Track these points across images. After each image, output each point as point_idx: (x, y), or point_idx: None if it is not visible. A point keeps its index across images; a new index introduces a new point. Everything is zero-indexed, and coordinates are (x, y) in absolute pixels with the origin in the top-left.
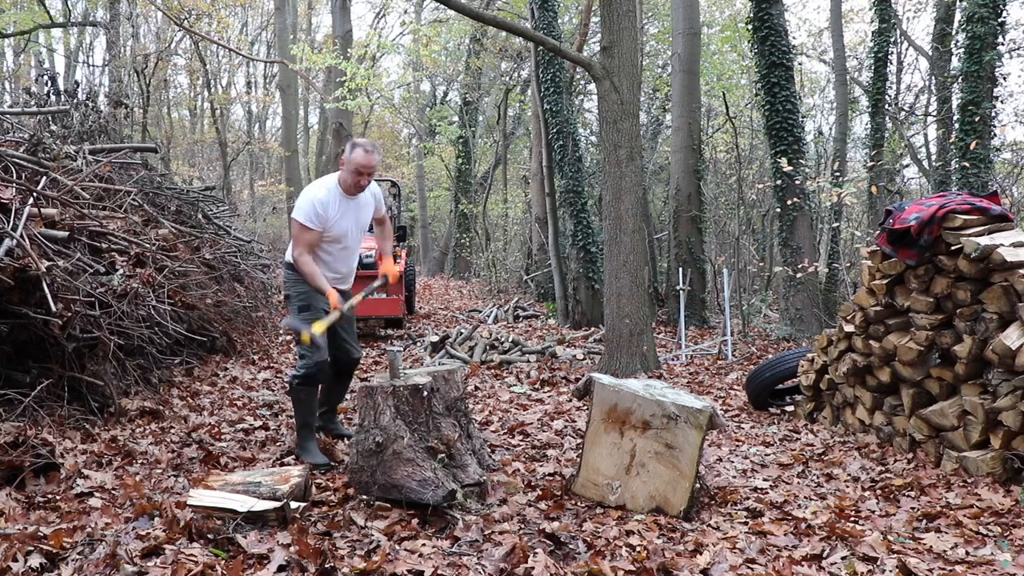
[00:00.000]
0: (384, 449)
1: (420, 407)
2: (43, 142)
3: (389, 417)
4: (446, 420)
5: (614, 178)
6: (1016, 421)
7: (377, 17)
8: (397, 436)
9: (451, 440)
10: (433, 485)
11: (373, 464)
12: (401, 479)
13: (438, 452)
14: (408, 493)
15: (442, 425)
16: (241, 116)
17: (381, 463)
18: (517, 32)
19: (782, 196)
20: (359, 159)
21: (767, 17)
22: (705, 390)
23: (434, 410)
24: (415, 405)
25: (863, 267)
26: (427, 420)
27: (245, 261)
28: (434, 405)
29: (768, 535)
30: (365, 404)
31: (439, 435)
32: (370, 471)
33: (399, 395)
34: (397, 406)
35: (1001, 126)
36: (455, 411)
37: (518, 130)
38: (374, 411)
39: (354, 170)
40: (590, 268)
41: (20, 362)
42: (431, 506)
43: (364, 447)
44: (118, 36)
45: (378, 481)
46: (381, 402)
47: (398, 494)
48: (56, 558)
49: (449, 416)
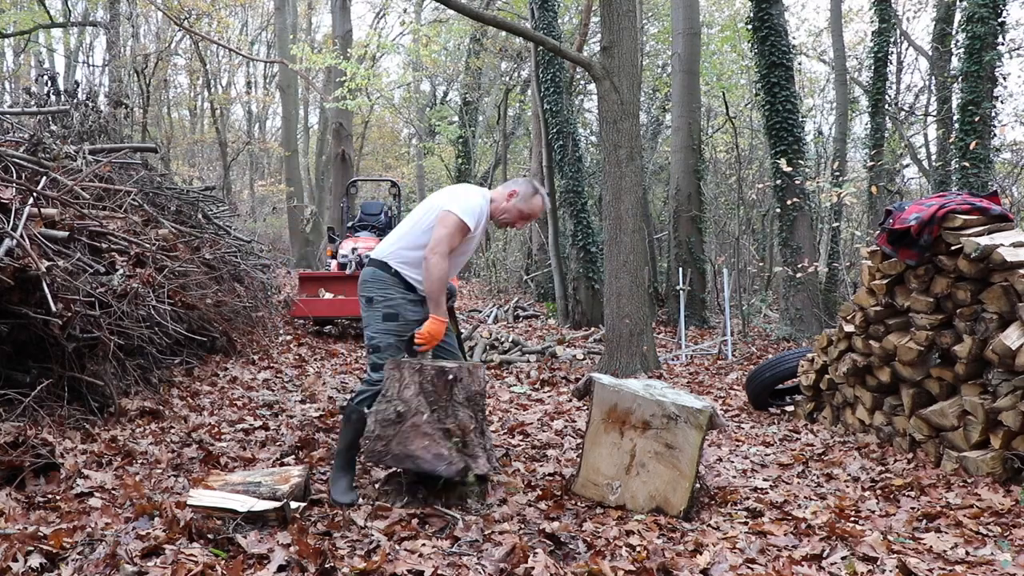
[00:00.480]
0: (404, 420)
1: (443, 390)
2: (43, 142)
3: (413, 392)
4: (464, 410)
5: (614, 178)
6: (1016, 421)
7: (377, 17)
8: (418, 410)
9: (467, 428)
10: (447, 461)
11: (390, 434)
12: (417, 450)
13: (453, 435)
14: (422, 464)
15: (460, 413)
16: (241, 116)
17: (399, 433)
18: (517, 32)
19: (782, 196)
20: (537, 207)
21: (767, 17)
22: (705, 390)
23: (455, 397)
24: (439, 387)
25: (863, 267)
26: (447, 405)
27: (245, 261)
28: (455, 393)
29: (768, 535)
30: (391, 376)
31: (456, 421)
32: (386, 440)
33: (425, 374)
34: (422, 383)
35: (1001, 126)
36: (474, 404)
37: (518, 130)
38: (399, 383)
39: (529, 214)
40: (590, 268)
41: (20, 362)
42: (443, 480)
43: (384, 416)
44: (118, 36)
45: (392, 451)
46: (407, 376)
47: (412, 464)
48: (56, 558)
49: (468, 407)
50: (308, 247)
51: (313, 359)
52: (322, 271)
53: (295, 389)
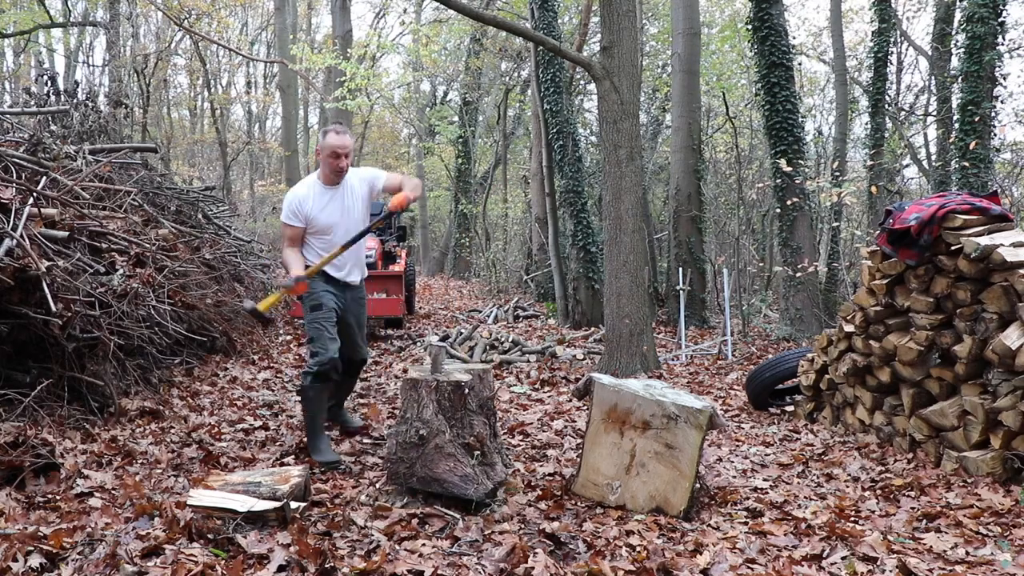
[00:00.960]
0: (427, 442)
1: (459, 403)
2: (43, 142)
3: (432, 411)
4: (478, 418)
5: (614, 178)
6: (1016, 421)
7: (377, 17)
8: (439, 431)
9: (484, 438)
10: (475, 482)
11: (413, 456)
12: (443, 473)
13: (474, 449)
14: (451, 488)
15: (475, 423)
16: (241, 116)
17: (422, 456)
18: (517, 32)
19: (782, 196)
20: (331, 141)
21: (767, 17)
22: (705, 390)
23: (468, 407)
24: (455, 401)
25: (863, 267)
26: (463, 417)
27: (245, 261)
28: (469, 402)
29: (768, 535)
30: (408, 397)
31: (473, 432)
32: (409, 463)
33: (442, 390)
34: (439, 401)
35: (1001, 126)
36: (486, 409)
37: (518, 130)
38: (417, 404)
39: (329, 154)
40: (590, 268)
41: (20, 362)
42: (473, 502)
43: (406, 439)
44: (118, 36)
45: (417, 473)
46: (425, 396)
47: (439, 487)
48: (56, 558)
49: (480, 414)
50: None
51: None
52: None
53: (295, 389)
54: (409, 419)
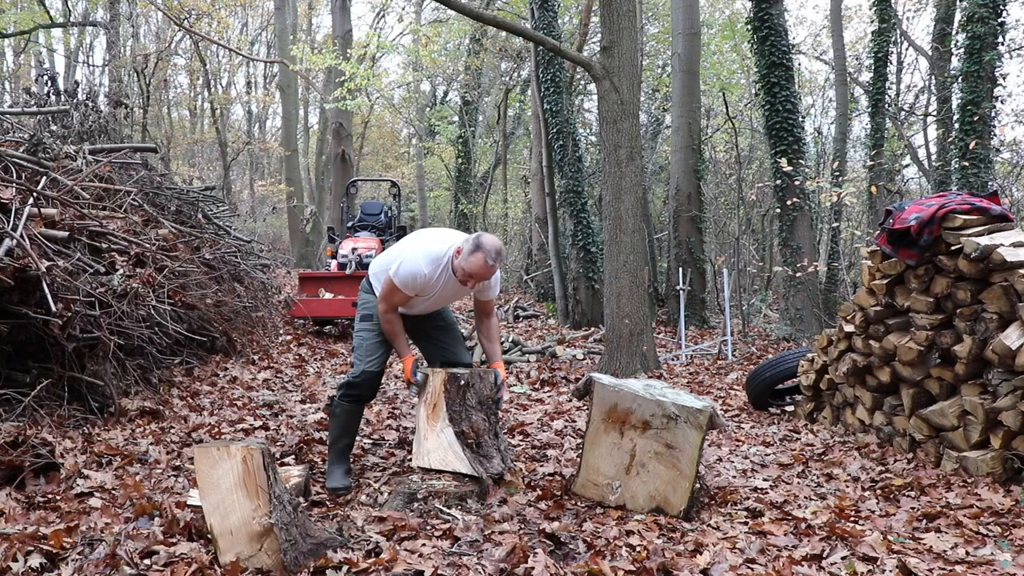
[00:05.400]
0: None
1: (456, 396)
2: (43, 142)
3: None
4: (477, 413)
5: (614, 178)
6: (1016, 421)
7: (377, 17)
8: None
9: (480, 431)
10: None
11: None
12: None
13: (468, 438)
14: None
15: (473, 416)
16: (241, 116)
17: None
18: (517, 32)
19: (782, 196)
20: (475, 268)
21: (767, 17)
22: (705, 390)
23: (467, 402)
24: (451, 393)
25: (863, 267)
26: (461, 410)
27: (245, 261)
28: (468, 398)
29: (768, 535)
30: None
31: (470, 423)
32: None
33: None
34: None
35: (1001, 126)
36: (487, 408)
37: (518, 130)
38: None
39: (469, 273)
40: (590, 268)
41: (20, 362)
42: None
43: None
44: (118, 36)
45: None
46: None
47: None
48: (56, 558)
49: (480, 411)
50: (308, 247)
51: (313, 359)
52: (322, 271)
53: (295, 389)
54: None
